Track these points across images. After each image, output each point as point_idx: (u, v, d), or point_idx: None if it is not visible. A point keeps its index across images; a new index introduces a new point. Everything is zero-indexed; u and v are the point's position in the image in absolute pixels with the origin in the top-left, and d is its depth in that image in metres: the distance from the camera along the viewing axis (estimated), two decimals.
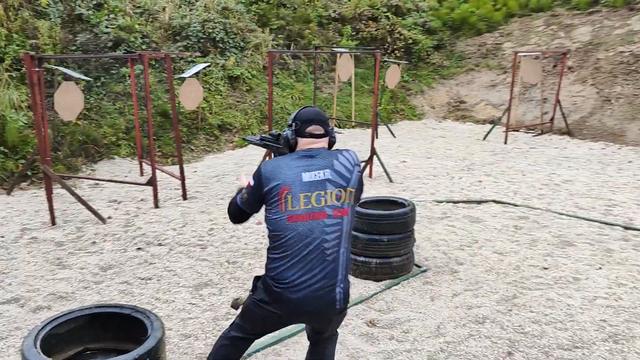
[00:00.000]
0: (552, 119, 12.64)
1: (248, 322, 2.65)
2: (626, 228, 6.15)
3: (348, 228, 2.48)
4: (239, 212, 2.65)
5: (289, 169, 2.44)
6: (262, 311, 2.53)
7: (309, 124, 2.53)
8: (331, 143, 2.63)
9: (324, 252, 2.41)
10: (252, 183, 2.53)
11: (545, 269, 4.99)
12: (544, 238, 5.81)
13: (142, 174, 8.64)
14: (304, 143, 2.53)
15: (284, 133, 2.59)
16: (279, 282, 2.44)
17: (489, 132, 12.11)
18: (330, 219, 2.42)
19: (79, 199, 6.34)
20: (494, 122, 12.88)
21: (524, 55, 12.43)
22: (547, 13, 16.52)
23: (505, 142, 11.50)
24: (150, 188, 7.03)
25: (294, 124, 2.55)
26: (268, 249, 2.52)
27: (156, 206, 6.93)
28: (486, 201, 7.25)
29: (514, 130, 12.51)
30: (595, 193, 7.69)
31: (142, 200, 7.30)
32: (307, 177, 2.42)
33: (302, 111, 2.60)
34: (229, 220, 2.76)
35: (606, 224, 6.29)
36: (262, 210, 2.60)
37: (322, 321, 2.62)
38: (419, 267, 5.00)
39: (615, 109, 12.46)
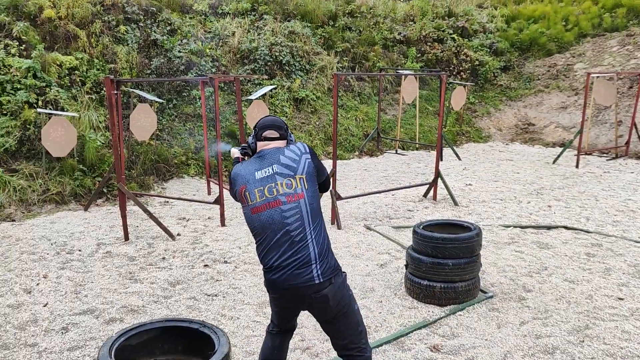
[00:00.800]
0: (627, 143, 12.08)
1: (271, 308, 3.03)
2: None
3: (308, 209, 2.78)
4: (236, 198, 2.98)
5: (245, 171, 2.85)
6: (269, 298, 2.94)
7: (265, 129, 2.92)
8: (290, 143, 2.98)
9: (290, 234, 2.73)
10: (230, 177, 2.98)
11: (621, 299, 4.75)
12: (619, 267, 5.54)
13: (209, 192, 8.91)
14: (260, 146, 2.93)
15: (248, 140, 3.03)
16: (264, 267, 2.83)
17: (559, 156, 11.70)
18: (286, 205, 2.75)
19: (151, 216, 6.60)
20: (564, 145, 12.46)
21: (597, 76, 11.99)
22: (622, 33, 15.92)
23: (577, 166, 11.08)
24: (217, 207, 7.24)
25: (254, 130, 2.97)
26: None
27: (223, 224, 7.11)
28: (556, 227, 6.99)
29: (586, 154, 12.04)
30: None
31: (209, 218, 7.52)
32: (259, 174, 2.81)
33: (261, 120, 2.99)
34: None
35: None
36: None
37: (307, 301, 2.79)
38: (485, 292, 4.87)
39: None
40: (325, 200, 7.64)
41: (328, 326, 2.89)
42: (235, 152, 3.14)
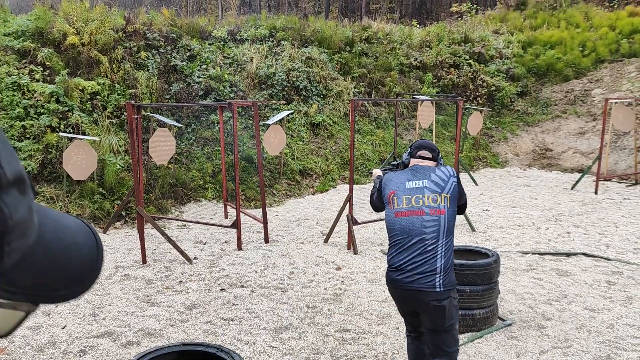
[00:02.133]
0: None
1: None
2: None
3: (446, 225, 3.15)
4: (375, 205, 3.55)
5: (397, 179, 3.32)
6: (392, 298, 3.37)
7: (420, 149, 3.41)
8: (439, 165, 3.43)
9: (425, 242, 3.11)
10: (377, 185, 3.52)
11: None
12: None
13: (226, 216, 8.96)
14: (413, 162, 3.40)
15: (403, 156, 3.50)
16: (391, 266, 3.23)
17: (577, 181, 11.60)
18: (428, 216, 3.15)
19: (169, 239, 6.66)
20: (583, 170, 12.35)
21: (616, 102, 11.93)
22: None
23: (596, 192, 10.96)
24: (234, 230, 7.27)
25: (410, 148, 3.47)
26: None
27: (239, 248, 7.14)
28: (575, 254, 6.91)
29: (605, 180, 11.92)
30: None
31: (226, 242, 7.56)
32: (409, 184, 3.26)
33: (417, 141, 3.54)
34: (372, 208, 3.65)
35: None
36: (344, 257, 2.90)
37: (424, 306, 3.12)
38: (503, 320, 4.81)
39: None
40: (343, 225, 7.65)
41: (434, 334, 3.18)
42: (378, 171, 3.82)
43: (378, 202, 3.48)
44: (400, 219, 3.19)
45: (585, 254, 6.88)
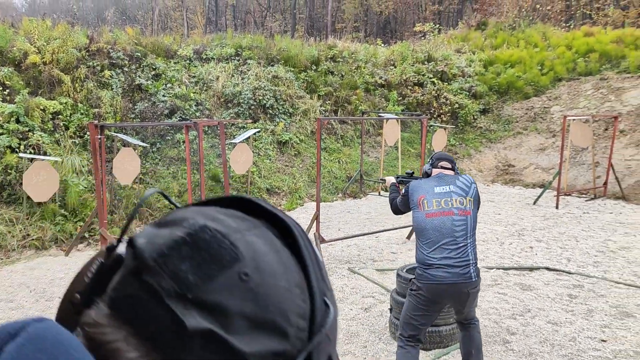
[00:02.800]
0: (605, 183, 12.33)
1: (412, 315, 3.65)
2: None
3: (472, 224, 3.63)
4: (398, 209, 4.08)
5: (426, 185, 3.75)
6: (417, 299, 3.60)
7: (441, 160, 3.90)
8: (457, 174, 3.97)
9: (456, 239, 3.53)
10: (402, 191, 4.10)
11: (604, 341, 4.78)
12: (601, 308, 5.59)
13: None
14: (435, 172, 3.86)
15: (425, 167, 3.96)
16: (424, 264, 3.55)
17: (539, 197, 11.89)
18: (457, 217, 3.59)
19: None
20: (544, 186, 12.67)
21: (574, 119, 12.31)
22: (596, 77, 16.44)
23: (557, 207, 11.24)
24: None
25: (431, 160, 3.95)
26: (416, 241, 3.73)
27: None
28: (538, 268, 7.06)
29: (565, 195, 12.25)
30: None
31: None
32: (438, 189, 3.69)
33: (437, 153, 4.07)
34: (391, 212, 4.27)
35: None
36: None
37: (460, 295, 3.56)
38: None
39: None
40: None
41: (462, 309, 3.69)
42: (392, 179, 4.55)
43: (403, 206, 3.99)
44: (432, 219, 3.61)
45: (547, 268, 7.03)
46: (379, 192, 13.24)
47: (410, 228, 8.60)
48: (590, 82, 16.32)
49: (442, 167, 3.88)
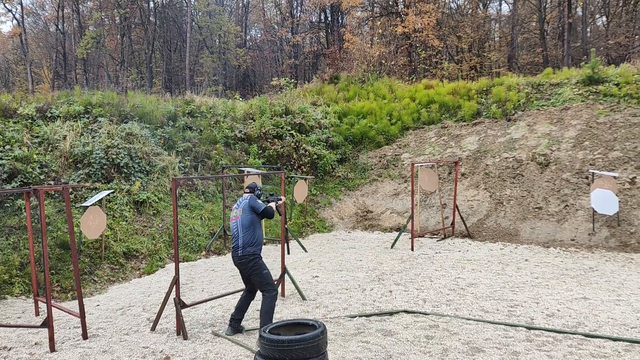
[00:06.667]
0: (452, 224, 13.32)
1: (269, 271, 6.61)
2: (529, 328, 6.40)
3: (242, 223, 6.42)
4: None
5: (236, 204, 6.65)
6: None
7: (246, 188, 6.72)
8: (257, 195, 6.74)
9: (237, 234, 6.43)
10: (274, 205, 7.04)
11: None
12: (455, 346, 5.90)
13: (37, 313, 8.02)
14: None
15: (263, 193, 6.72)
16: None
17: (396, 240, 12.50)
18: (235, 220, 6.51)
19: None
20: (400, 229, 13.36)
21: (421, 165, 13.26)
22: (438, 125, 17.98)
23: (412, 249, 11.89)
24: (46, 330, 6.51)
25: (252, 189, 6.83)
26: (258, 230, 6.57)
27: (52, 350, 6.38)
28: (397, 312, 7.33)
29: (419, 236, 13.01)
30: (498, 294, 8.02)
31: (36, 344, 6.71)
32: (234, 206, 6.65)
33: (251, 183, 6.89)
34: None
35: (510, 325, 6.53)
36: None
37: (238, 264, 6.45)
38: None
39: (507, 210, 13.39)
40: (171, 309, 7.27)
41: (247, 280, 6.53)
42: (273, 204, 6.98)
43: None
44: (231, 222, 6.59)
45: (406, 311, 7.33)
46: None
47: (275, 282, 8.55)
48: (433, 131, 17.78)
49: (245, 191, 6.74)
